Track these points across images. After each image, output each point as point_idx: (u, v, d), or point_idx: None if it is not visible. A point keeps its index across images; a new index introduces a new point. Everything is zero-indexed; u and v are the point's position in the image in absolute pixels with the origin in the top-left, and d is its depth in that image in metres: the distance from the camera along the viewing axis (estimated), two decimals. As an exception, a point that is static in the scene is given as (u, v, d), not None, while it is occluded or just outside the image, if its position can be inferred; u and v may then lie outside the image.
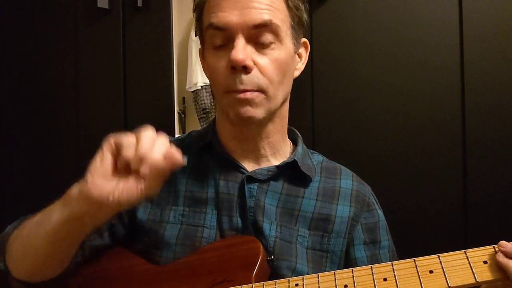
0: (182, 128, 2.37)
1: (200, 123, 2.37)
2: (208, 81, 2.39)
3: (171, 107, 1.57)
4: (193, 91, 2.42)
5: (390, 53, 1.40)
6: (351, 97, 1.42)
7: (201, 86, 2.38)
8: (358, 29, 1.42)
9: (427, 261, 0.70)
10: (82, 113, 1.51)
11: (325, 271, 0.85)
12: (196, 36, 2.53)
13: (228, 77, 0.81)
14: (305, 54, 0.95)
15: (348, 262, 0.91)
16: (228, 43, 0.81)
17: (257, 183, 0.88)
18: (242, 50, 0.79)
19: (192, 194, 0.88)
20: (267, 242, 0.84)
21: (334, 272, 0.74)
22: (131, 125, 1.51)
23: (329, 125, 1.43)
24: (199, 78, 2.36)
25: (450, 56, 1.37)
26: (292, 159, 0.90)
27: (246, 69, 0.80)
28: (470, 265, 0.67)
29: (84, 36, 1.50)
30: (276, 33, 0.81)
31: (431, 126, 1.38)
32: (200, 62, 2.48)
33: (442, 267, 0.68)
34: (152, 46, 1.52)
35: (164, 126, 1.51)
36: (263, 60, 0.81)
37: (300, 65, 0.93)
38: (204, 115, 2.39)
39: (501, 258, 0.66)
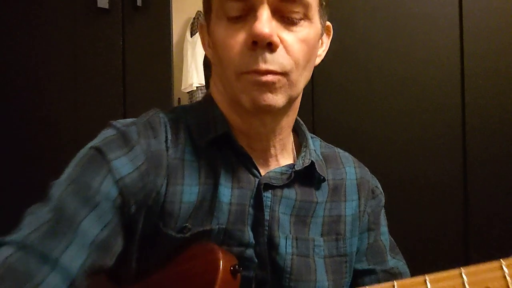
0: (178, 129, 2.36)
1: (195, 123, 2.36)
2: (203, 82, 2.40)
3: (170, 107, 1.56)
4: (188, 92, 2.42)
5: (391, 51, 1.42)
6: (351, 95, 1.44)
7: (197, 87, 2.38)
8: (359, 26, 1.44)
9: None
10: (81, 112, 1.50)
11: (345, 278, 0.78)
12: (191, 36, 2.52)
13: (247, 55, 0.66)
14: (327, 40, 0.80)
15: None
16: (247, 14, 0.66)
17: (271, 190, 0.74)
18: (267, 23, 0.64)
19: (201, 205, 0.71)
20: (284, 261, 0.73)
21: None
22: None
23: (329, 124, 1.44)
24: (194, 79, 2.36)
25: (450, 54, 1.40)
26: (310, 161, 0.77)
27: (270, 46, 0.65)
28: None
29: (84, 35, 1.49)
30: (306, 10, 0.68)
31: (432, 125, 1.40)
32: (195, 63, 2.47)
33: None
34: (151, 46, 1.52)
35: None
36: (290, 37, 0.67)
37: (321, 52, 0.79)
38: (200, 116, 2.39)
39: None
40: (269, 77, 0.65)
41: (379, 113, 1.43)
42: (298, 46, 0.68)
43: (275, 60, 0.66)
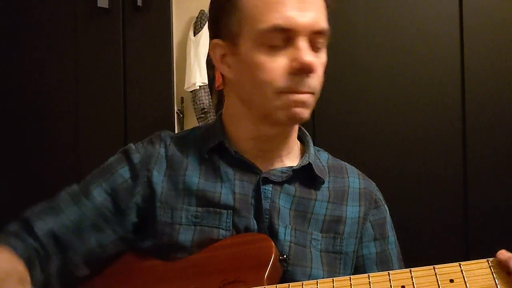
0: (181, 129, 2.34)
1: (198, 123, 2.35)
2: (206, 81, 2.38)
3: (171, 107, 1.56)
4: (191, 91, 2.40)
5: (391, 50, 1.42)
6: (351, 95, 1.44)
7: (200, 86, 2.36)
8: (359, 26, 1.43)
9: (447, 269, 0.67)
10: (82, 112, 1.50)
11: (339, 273, 0.85)
12: (194, 35, 2.49)
13: (288, 78, 0.78)
14: None
15: (355, 260, 0.90)
16: (287, 44, 0.79)
17: (271, 185, 0.87)
18: (311, 53, 0.78)
19: (205, 193, 0.85)
20: (282, 247, 0.83)
21: (350, 277, 0.72)
22: (131, 124, 1.50)
23: (329, 124, 1.43)
24: (197, 78, 2.34)
25: (451, 54, 1.40)
26: (307, 162, 0.89)
27: (310, 73, 0.79)
28: (493, 275, 0.65)
29: (84, 35, 1.49)
30: (326, 39, 0.82)
31: (432, 124, 1.40)
32: (198, 63, 2.45)
33: (463, 276, 0.66)
34: (152, 46, 1.51)
35: (163, 126, 1.50)
36: (318, 63, 0.81)
37: None
38: (203, 115, 2.37)
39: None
40: (305, 97, 0.80)
41: (380, 114, 1.43)
42: (321, 70, 0.82)
43: (311, 84, 0.80)
